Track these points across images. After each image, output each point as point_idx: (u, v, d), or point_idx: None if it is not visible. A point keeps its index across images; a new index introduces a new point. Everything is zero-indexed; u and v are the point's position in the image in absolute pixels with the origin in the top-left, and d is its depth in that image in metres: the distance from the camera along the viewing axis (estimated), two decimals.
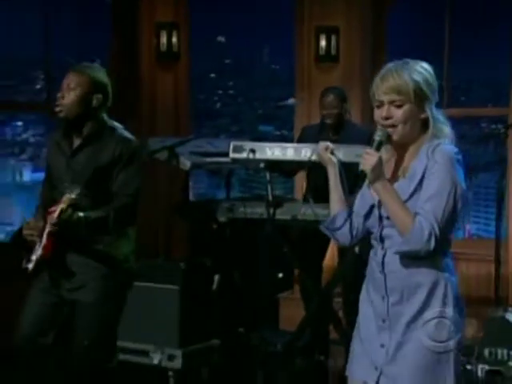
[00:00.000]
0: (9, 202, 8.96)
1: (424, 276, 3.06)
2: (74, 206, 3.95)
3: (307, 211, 5.68)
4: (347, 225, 3.29)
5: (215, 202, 6.17)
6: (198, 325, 5.74)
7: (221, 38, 9.45)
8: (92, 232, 4.09)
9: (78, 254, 4.16)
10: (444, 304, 3.05)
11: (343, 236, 3.33)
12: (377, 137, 3.08)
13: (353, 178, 3.33)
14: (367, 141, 3.23)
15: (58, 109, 4.15)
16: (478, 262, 7.23)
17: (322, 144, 3.45)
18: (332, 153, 3.42)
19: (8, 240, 4.64)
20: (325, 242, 5.88)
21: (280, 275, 6.47)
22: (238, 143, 5.79)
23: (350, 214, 3.28)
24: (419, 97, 3.06)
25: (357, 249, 5.44)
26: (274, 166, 5.79)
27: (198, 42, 8.40)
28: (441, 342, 3.05)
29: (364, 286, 3.28)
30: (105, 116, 4.26)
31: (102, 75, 4.24)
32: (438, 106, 3.18)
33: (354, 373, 3.26)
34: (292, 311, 6.44)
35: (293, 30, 7.81)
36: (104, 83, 4.23)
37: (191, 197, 7.63)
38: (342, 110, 6.36)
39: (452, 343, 3.06)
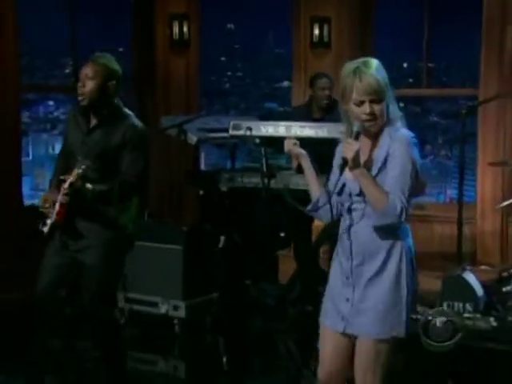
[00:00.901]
0: (42, 171, 9.05)
1: (383, 242, 3.18)
2: (82, 178, 4.06)
3: (298, 181, 5.76)
4: (327, 206, 3.33)
5: (218, 173, 6.24)
6: (200, 280, 5.85)
7: (230, 26, 9.46)
8: (97, 201, 4.18)
9: (86, 220, 4.27)
10: (399, 264, 3.18)
11: (325, 215, 3.38)
12: (355, 128, 3.15)
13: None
14: None
15: (80, 98, 4.19)
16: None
17: (289, 141, 3.47)
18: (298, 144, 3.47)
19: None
20: None
21: (282, 234, 6.51)
22: (237, 122, 5.84)
23: (329, 197, 3.32)
24: (387, 92, 3.15)
25: None
26: (268, 141, 5.86)
27: (210, 29, 8.44)
28: (396, 294, 3.17)
29: (335, 249, 3.38)
30: (120, 102, 4.32)
31: (115, 64, 4.27)
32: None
33: (325, 321, 3.37)
34: (289, 266, 6.45)
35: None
36: (117, 71, 4.26)
37: (203, 167, 7.73)
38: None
39: (405, 296, 3.18)
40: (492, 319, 5.19)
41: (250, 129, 5.73)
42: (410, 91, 7.59)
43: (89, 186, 4.08)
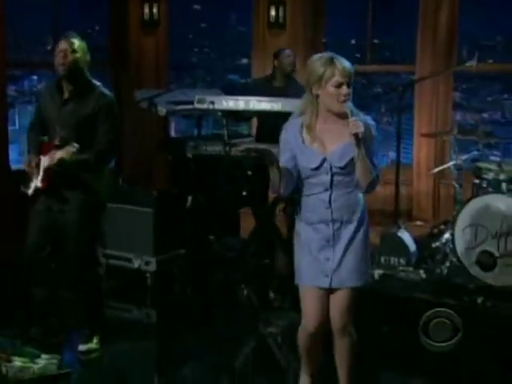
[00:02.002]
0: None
1: (357, 206, 3.42)
2: (74, 154, 4.14)
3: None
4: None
5: (185, 141, 6.28)
6: (169, 238, 5.96)
7: (197, 7, 9.40)
8: (76, 169, 4.27)
9: (66, 187, 4.34)
10: (367, 223, 3.46)
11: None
12: (348, 109, 3.26)
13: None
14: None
15: (61, 67, 4.29)
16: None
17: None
18: None
19: None
20: None
21: (244, 193, 6.56)
22: (202, 96, 5.90)
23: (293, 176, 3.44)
24: None
25: None
26: (228, 114, 5.92)
27: (179, 9, 8.37)
28: (366, 249, 3.47)
29: (302, 219, 3.48)
30: (88, 75, 4.39)
31: (84, 43, 4.38)
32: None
33: (306, 280, 3.49)
34: (250, 223, 6.54)
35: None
36: (86, 48, 4.37)
37: (173, 134, 7.74)
38: None
39: (369, 249, 3.52)
40: (422, 272, 5.33)
41: (212, 103, 5.80)
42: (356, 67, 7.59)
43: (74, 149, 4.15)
